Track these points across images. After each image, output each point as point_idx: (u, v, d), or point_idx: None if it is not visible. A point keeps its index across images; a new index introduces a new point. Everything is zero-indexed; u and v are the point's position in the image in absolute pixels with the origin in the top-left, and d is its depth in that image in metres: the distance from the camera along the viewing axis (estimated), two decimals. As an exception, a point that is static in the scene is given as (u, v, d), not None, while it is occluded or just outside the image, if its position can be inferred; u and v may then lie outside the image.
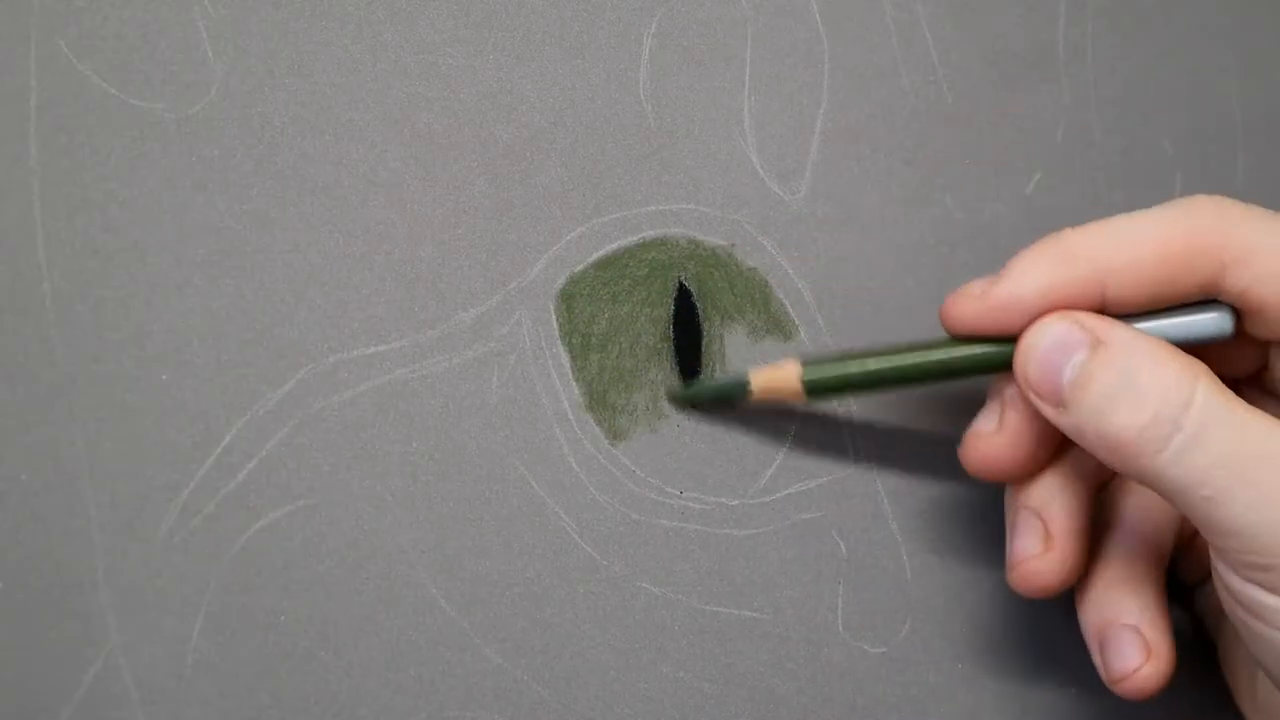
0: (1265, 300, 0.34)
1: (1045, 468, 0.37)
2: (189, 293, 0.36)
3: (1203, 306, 0.35)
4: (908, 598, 0.40)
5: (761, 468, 0.39)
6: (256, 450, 0.36)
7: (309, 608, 0.36)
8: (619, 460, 0.38)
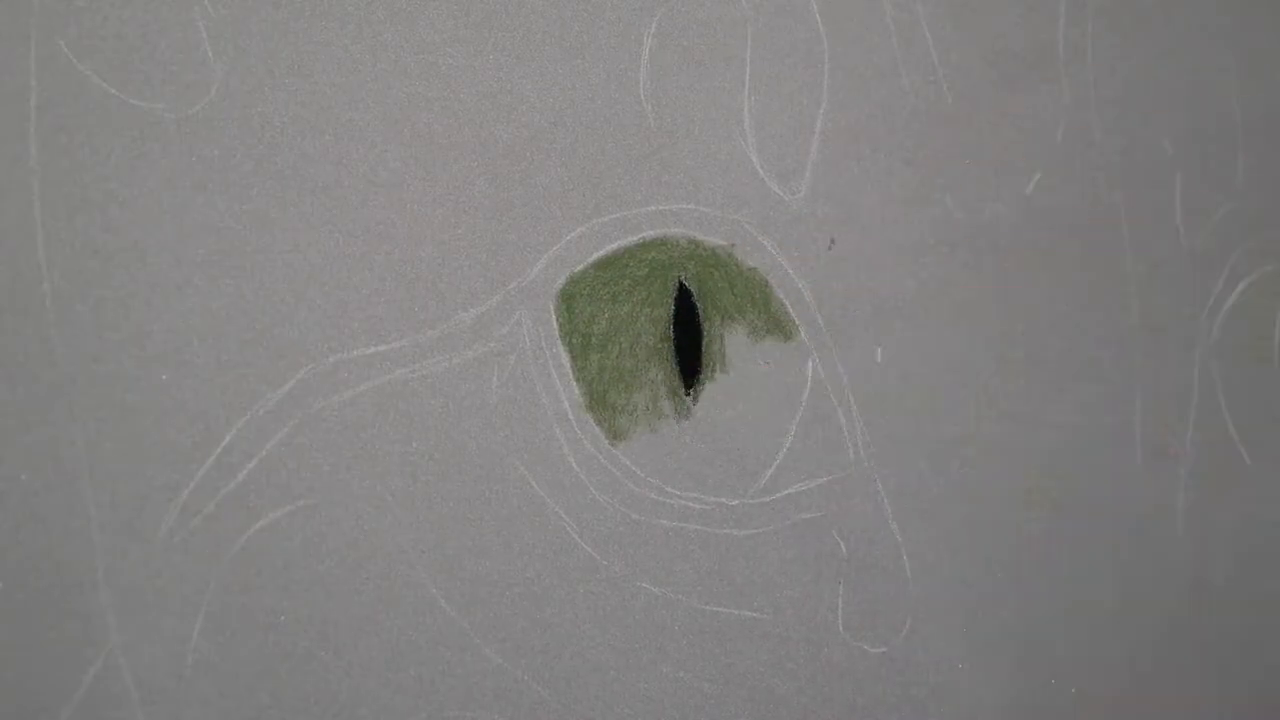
0: None
1: None
2: (189, 293, 0.36)
3: None
4: (908, 598, 0.40)
5: (761, 468, 0.39)
6: (256, 450, 0.36)
7: (309, 608, 0.36)
8: (619, 460, 0.38)
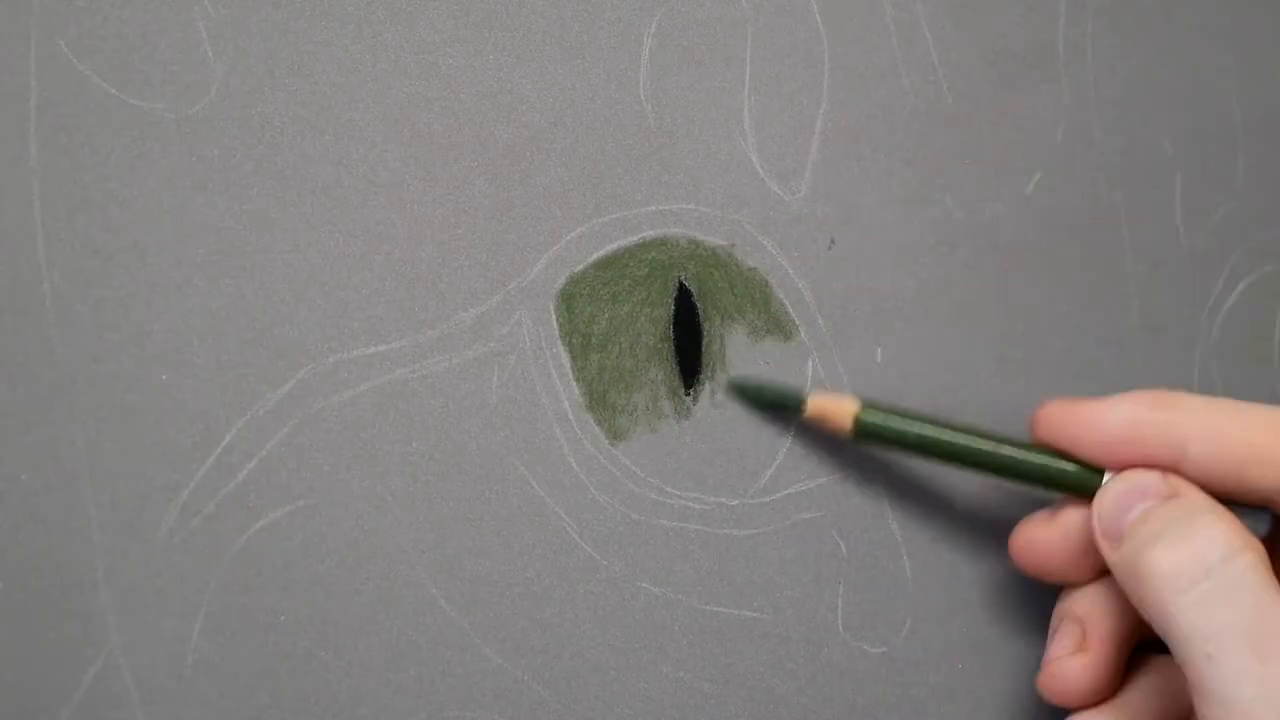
0: None
1: (1095, 577, 0.37)
2: (189, 293, 0.36)
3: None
4: (908, 598, 0.40)
5: (761, 468, 0.39)
6: (256, 450, 0.36)
7: (309, 608, 0.36)
8: (619, 460, 0.38)
